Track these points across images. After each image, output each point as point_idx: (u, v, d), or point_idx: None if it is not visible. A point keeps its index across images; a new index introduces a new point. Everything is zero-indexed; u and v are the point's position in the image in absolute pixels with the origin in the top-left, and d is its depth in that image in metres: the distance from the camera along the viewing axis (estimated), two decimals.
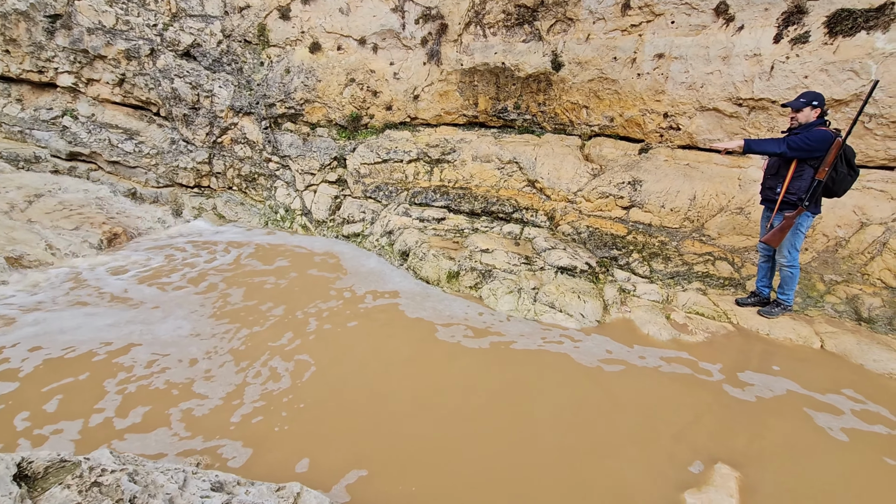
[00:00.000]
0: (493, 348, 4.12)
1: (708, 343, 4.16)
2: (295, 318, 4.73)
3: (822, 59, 4.89)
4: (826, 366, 3.79)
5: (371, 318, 4.69)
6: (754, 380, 3.64)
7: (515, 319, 4.64)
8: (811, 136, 3.84)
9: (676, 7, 5.69)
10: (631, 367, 3.82)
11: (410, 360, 3.99)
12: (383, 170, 7.52)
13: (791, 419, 3.23)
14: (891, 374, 3.63)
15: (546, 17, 6.69)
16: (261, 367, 3.78)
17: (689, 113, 5.93)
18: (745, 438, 3.08)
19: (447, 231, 6.36)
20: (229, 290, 5.34)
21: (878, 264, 4.43)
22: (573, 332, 4.37)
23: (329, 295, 5.24)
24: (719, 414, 3.30)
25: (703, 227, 5.43)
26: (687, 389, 3.55)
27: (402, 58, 7.74)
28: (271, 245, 6.98)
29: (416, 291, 5.31)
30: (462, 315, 4.72)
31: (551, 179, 6.56)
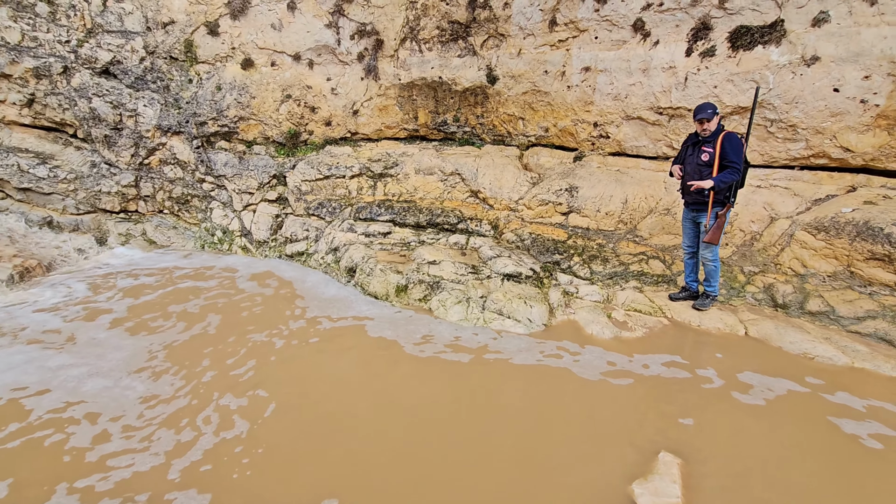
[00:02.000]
0: (453, 362, 4.12)
1: (646, 338, 4.38)
2: (244, 345, 4.51)
3: (727, 71, 5.37)
4: (750, 350, 4.10)
5: (328, 341, 4.57)
6: (688, 369, 3.87)
7: (465, 328, 4.67)
8: (735, 147, 4.20)
9: (598, 24, 6.06)
10: (578, 367, 3.95)
11: (373, 378, 3.92)
12: (325, 186, 7.39)
13: (722, 402, 3.46)
14: (805, 353, 3.99)
15: (479, 33, 6.91)
16: (211, 412, 3.54)
17: (617, 122, 6.29)
18: (683, 425, 3.25)
19: (394, 245, 6.33)
20: (164, 322, 5.01)
21: (787, 254, 4.87)
22: (524, 338, 4.46)
23: (278, 319, 5.04)
24: (659, 405, 3.48)
25: (636, 229, 5.75)
26: (629, 384, 3.71)
27: (339, 73, 7.69)
28: (210, 269, 6.64)
29: (371, 311, 5.22)
30: (424, 330, 4.70)
31: (493, 189, 6.72)
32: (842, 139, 4.99)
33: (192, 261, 6.99)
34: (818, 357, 3.92)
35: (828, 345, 4.01)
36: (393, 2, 7.13)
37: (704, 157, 4.33)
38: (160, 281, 6.18)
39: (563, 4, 6.20)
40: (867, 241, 4.38)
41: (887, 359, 3.81)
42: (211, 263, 6.85)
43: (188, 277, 6.32)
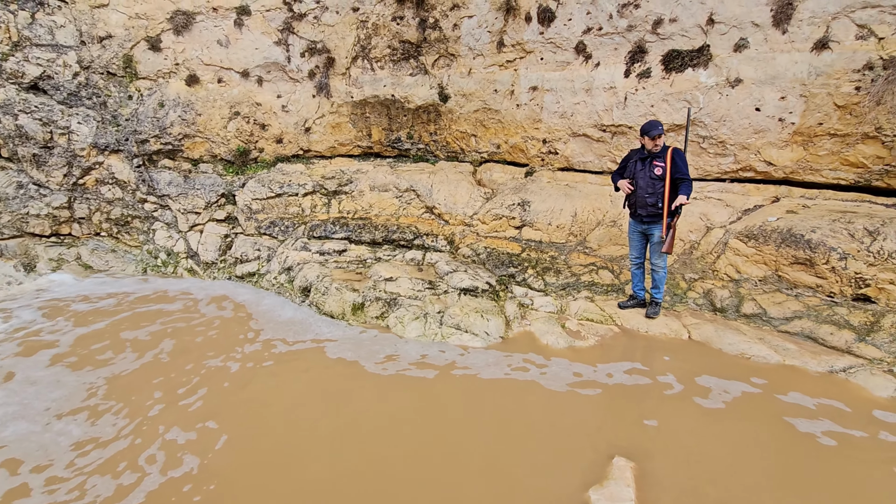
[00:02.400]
0: (419, 380, 4.09)
1: (599, 346, 4.53)
2: (196, 373, 4.29)
3: (662, 91, 5.74)
4: (694, 353, 4.33)
5: (284, 364, 4.43)
6: (638, 374, 4.03)
7: (422, 344, 4.66)
8: (685, 160, 4.49)
9: (543, 46, 6.33)
10: (545, 379, 4.01)
11: (333, 401, 3.82)
12: (277, 204, 7.22)
13: (683, 407, 3.62)
14: (742, 353, 4.26)
15: (430, 53, 7.04)
16: (156, 450, 3.32)
17: (564, 139, 6.56)
18: (636, 428, 3.38)
19: (349, 263, 6.25)
20: (112, 354, 4.70)
21: (723, 261, 5.22)
22: (482, 352, 4.50)
23: (232, 344, 4.84)
24: (622, 412, 3.59)
25: (586, 241, 5.97)
26: (596, 394, 3.82)
27: (289, 90, 7.60)
28: (154, 293, 6.29)
29: (332, 333, 5.11)
30: (384, 349, 4.64)
31: (448, 205, 6.80)
32: (765, 154, 5.44)
33: (138, 285, 6.60)
34: (754, 356, 4.19)
35: (762, 345, 4.30)
36: (343, 21, 7.16)
37: (658, 171, 4.55)
38: (108, 307, 5.80)
39: (510, 27, 6.45)
40: (791, 247, 4.77)
41: (813, 355, 4.13)
42: (161, 287, 6.50)
43: (137, 303, 5.97)
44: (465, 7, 6.58)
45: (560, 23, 6.13)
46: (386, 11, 6.97)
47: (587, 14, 5.94)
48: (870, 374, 3.85)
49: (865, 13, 4.70)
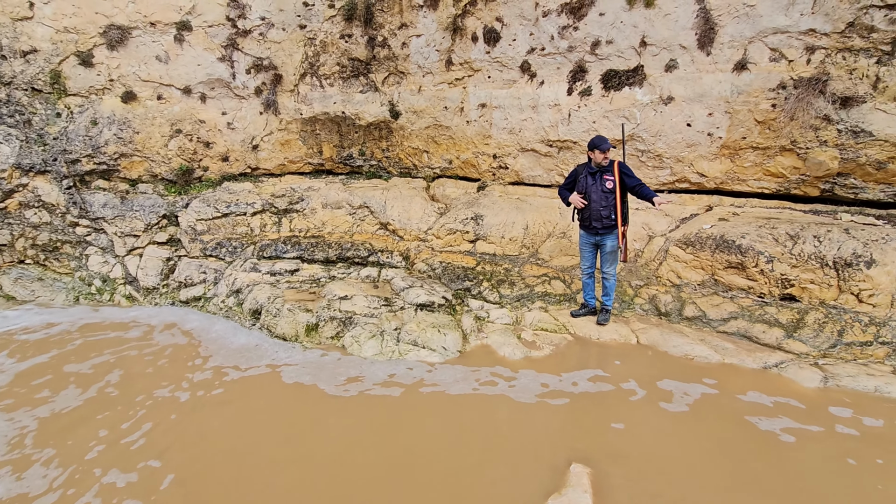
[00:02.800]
0: (384, 400, 4.01)
1: (553, 355, 4.64)
2: (142, 405, 4.00)
3: (603, 108, 6.05)
4: (642, 357, 4.52)
5: (237, 392, 4.22)
6: (590, 381, 4.15)
7: (381, 362, 4.59)
8: (631, 171, 4.74)
9: (490, 64, 6.53)
10: (514, 391, 4.04)
11: (290, 428, 3.66)
12: (224, 224, 6.95)
13: (636, 409, 3.75)
14: (686, 354, 4.48)
15: (380, 70, 7.09)
16: (92, 497, 3.05)
17: (514, 154, 6.75)
18: (591, 435, 3.46)
19: (302, 282, 6.10)
20: (50, 392, 4.30)
21: (665, 268, 5.50)
22: (439, 367, 4.49)
23: (181, 373, 4.58)
24: (568, 418, 3.67)
25: (538, 252, 6.13)
26: (564, 404, 3.89)
27: (235, 107, 7.40)
28: (89, 324, 5.86)
29: (290, 357, 4.93)
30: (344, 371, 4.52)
31: (402, 220, 6.80)
32: (697, 166, 5.83)
33: (82, 314, 6.11)
34: (696, 357, 4.43)
35: (703, 345, 4.55)
36: (290, 38, 7.08)
37: (609, 184, 4.76)
38: (49, 339, 5.33)
39: (457, 46, 6.61)
40: (724, 252, 5.10)
41: (749, 353, 4.41)
42: (105, 317, 6.06)
43: (80, 334, 5.53)
44: (412, 26, 6.69)
45: (505, 43, 6.35)
46: (334, 29, 6.97)
47: (530, 35, 6.19)
48: (798, 367, 4.15)
49: (776, 38, 5.18)
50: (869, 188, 5.20)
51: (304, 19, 7.00)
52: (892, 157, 4.94)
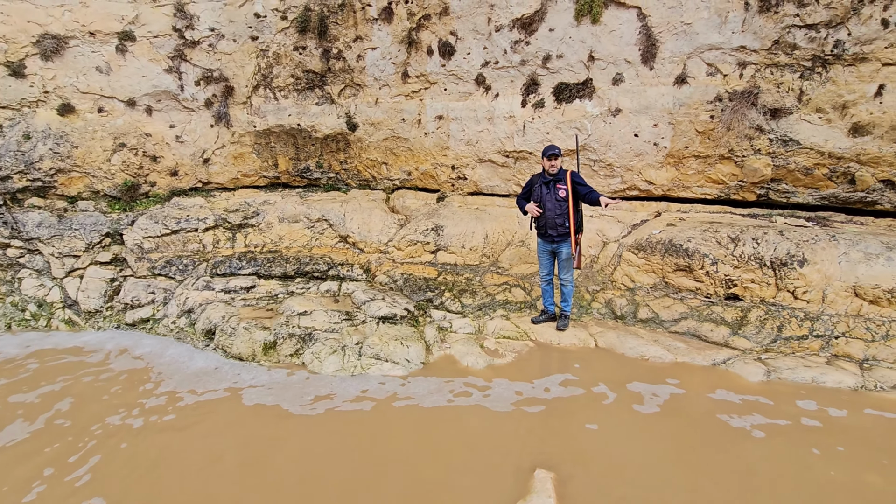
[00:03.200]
0: (354, 416, 3.91)
1: (516, 362, 4.69)
2: (92, 436, 3.72)
3: (556, 120, 6.24)
4: (601, 360, 4.64)
5: (193, 418, 4.01)
6: (553, 386, 4.22)
7: (350, 378, 4.49)
8: (583, 179, 4.88)
9: (446, 77, 6.62)
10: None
11: (250, 451, 3.51)
12: (174, 242, 6.66)
13: (585, 411, 3.83)
14: (641, 356, 4.65)
15: (335, 83, 7.05)
16: None
17: (472, 164, 6.85)
18: (554, 439, 3.51)
19: (259, 299, 5.91)
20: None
21: (619, 272, 5.70)
22: (412, 380, 4.44)
23: (133, 399, 4.31)
24: (531, 424, 3.72)
25: (498, 261, 6.22)
26: (505, 410, 3.92)
27: (184, 120, 7.14)
28: (39, 350, 5.44)
29: (253, 379, 4.73)
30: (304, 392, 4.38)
31: (362, 233, 6.74)
32: (645, 174, 6.10)
33: (34, 340, 5.64)
34: (651, 357, 4.59)
35: (657, 346, 4.73)
36: (242, 49, 6.94)
37: (562, 193, 4.88)
38: None
39: (413, 59, 6.67)
40: (673, 256, 5.35)
41: (699, 351, 4.62)
42: (56, 342, 5.64)
43: (25, 362, 5.11)
44: (367, 39, 6.71)
45: (460, 56, 6.46)
46: (287, 41, 6.89)
47: (484, 49, 6.34)
48: (744, 363, 4.39)
49: (712, 54, 5.53)
50: (799, 192, 5.60)
51: (255, 31, 6.87)
52: (817, 163, 5.35)
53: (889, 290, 4.52)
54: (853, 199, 5.42)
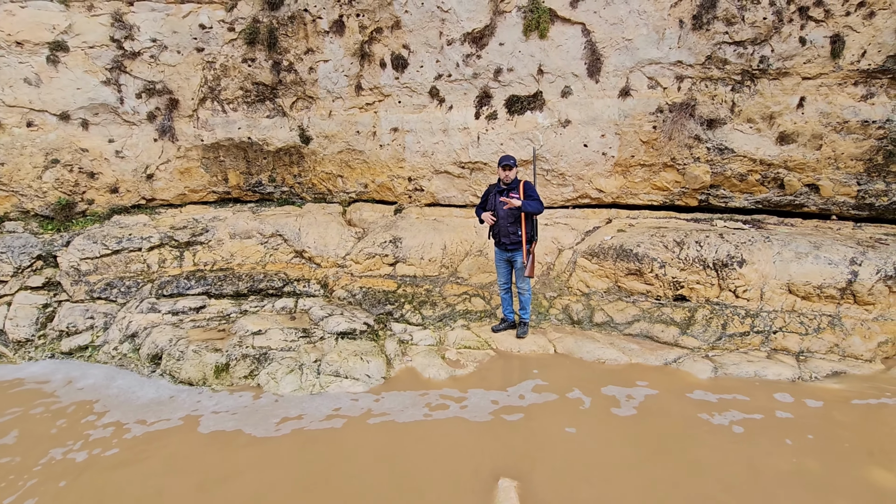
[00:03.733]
0: (324, 435, 3.76)
1: (477, 372, 4.70)
2: (31, 474, 3.39)
3: (508, 131, 6.38)
4: (560, 365, 4.72)
5: (142, 451, 3.72)
6: (515, 394, 4.25)
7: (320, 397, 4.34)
8: (534, 188, 4.95)
9: (400, 90, 6.64)
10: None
11: (206, 481, 3.30)
12: (115, 262, 6.28)
13: (544, 416, 3.87)
14: (598, 359, 4.76)
15: (287, 95, 6.92)
16: None
17: (428, 176, 6.87)
18: (516, 447, 3.53)
19: (210, 320, 5.64)
20: None
21: (574, 278, 5.86)
22: (363, 396, 4.35)
23: (77, 432, 3.98)
24: (495, 433, 3.72)
25: (457, 271, 6.24)
26: (466, 421, 3.90)
27: (124, 134, 6.80)
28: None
29: (215, 405, 4.47)
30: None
31: (318, 247, 6.60)
32: (596, 183, 6.32)
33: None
34: (608, 360, 4.72)
35: (612, 349, 4.87)
36: (186, 61, 6.70)
37: (514, 202, 4.95)
38: None
39: (366, 72, 6.65)
40: (624, 261, 5.55)
41: (651, 352, 4.79)
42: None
43: None
44: (319, 52, 6.64)
45: (413, 69, 6.51)
46: (235, 53, 6.72)
47: (437, 62, 6.41)
48: (693, 361, 4.58)
49: (652, 68, 5.84)
50: (736, 197, 5.96)
51: (201, 42, 6.67)
52: (750, 170, 5.73)
53: (818, 285, 4.87)
54: (783, 203, 5.83)
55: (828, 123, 5.34)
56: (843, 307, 4.84)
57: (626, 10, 5.68)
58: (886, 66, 5.07)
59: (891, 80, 5.13)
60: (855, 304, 4.81)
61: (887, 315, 4.74)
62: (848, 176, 5.45)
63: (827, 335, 4.72)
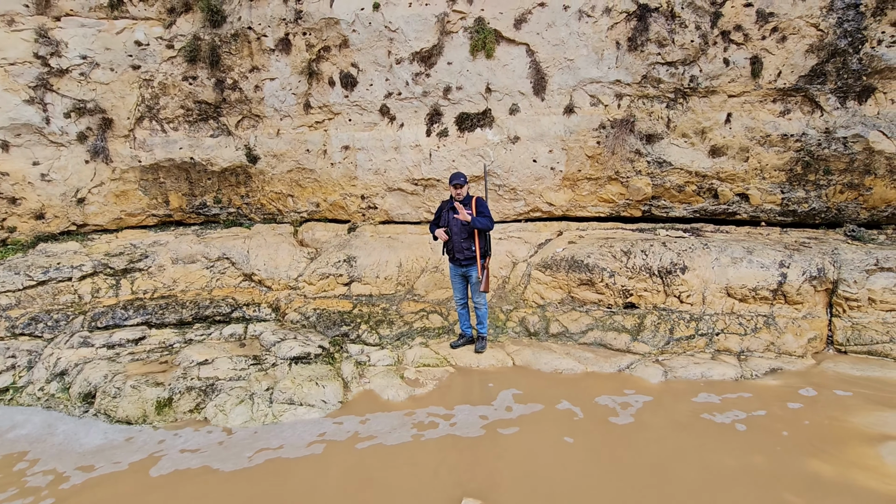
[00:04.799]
0: (299, 464, 3.53)
1: (437, 390, 4.63)
2: None
3: (460, 148, 6.46)
4: (520, 378, 4.74)
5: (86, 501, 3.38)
6: (475, 412, 4.22)
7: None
8: (485, 205, 4.99)
9: (350, 108, 6.60)
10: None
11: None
12: (42, 294, 5.78)
13: (506, 435, 3.86)
14: (556, 370, 4.83)
15: (231, 114, 6.71)
16: None
17: (381, 193, 6.82)
18: (482, 465, 3.48)
19: (150, 351, 5.28)
20: None
21: (530, 290, 5.95)
22: (319, 423, 4.17)
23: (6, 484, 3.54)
24: (457, 453, 3.66)
25: (414, 288, 6.19)
26: (429, 442, 3.82)
27: (51, 156, 6.34)
28: None
29: (165, 445, 4.12)
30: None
31: (269, 270, 6.36)
32: (546, 197, 6.49)
33: None
34: (564, 371, 4.79)
35: (569, 359, 4.96)
36: (121, 79, 6.37)
37: (461, 211, 4.98)
38: None
39: (315, 90, 6.57)
40: (576, 272, 5.70)
41: (606, 359, 4.92)
42: None
43: None
44: (265, 70, 6.50)
45: (363, 87, 6.49)
46: (175, 71, 6.46)
47: (386, 80, 6.43)
48: (644, 366, 4.74)
49: (593, 87, 6.11)
50: (675, 207, 6.29)
51: (137, 59, 6.37)
52: (687, 181, 6.07)
53: (753, 288, 5.19)
54: (718, 211, 6.21)
55: (753, 137, 5.77)
56: (775, 307, 5.17)
57: (567, 31, 5.95)
58: (799, 84, 5.56)
59: (804, 97, 5.63)
60: (786, 304, 5.16)
61: (814, 313, 5.11)
62: (773, 185, 5.89)
63: (763, 334, 5.02)
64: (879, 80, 5.36)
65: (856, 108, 5.47)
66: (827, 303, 5.16)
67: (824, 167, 5.65)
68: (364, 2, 6.16)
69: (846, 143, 5.51)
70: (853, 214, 5.82)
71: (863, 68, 5.35)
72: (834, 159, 5.60)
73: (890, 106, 5.39)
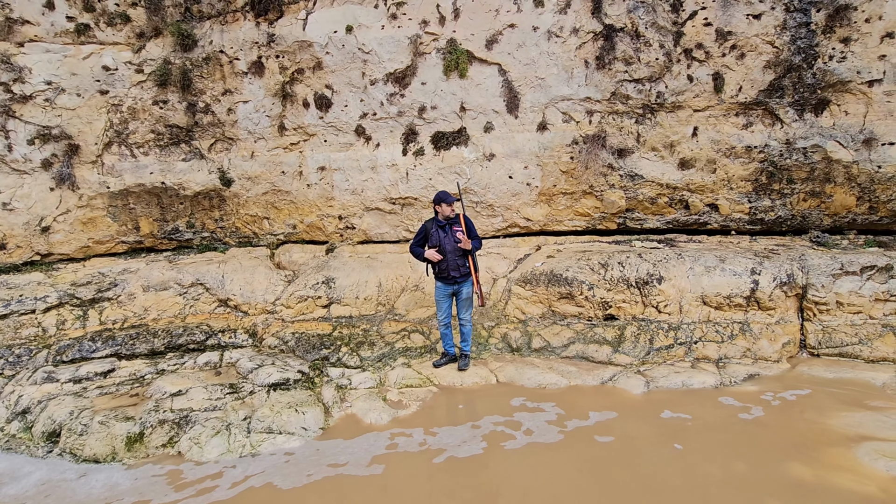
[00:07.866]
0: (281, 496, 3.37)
1: (420, 411, 4.55)
2: None
3: (436, 166, 6.50)
4: (503, 395, 4.70)
5: None
6: (458, 432, 4.15)
7: (225, 462, 3.96)
8: (473, 224, 5.03)
9: (325, 129, 6.59)
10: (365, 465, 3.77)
11: None
12: (2, 329, 5.52)
13: (499, 454, 3.81)
14: (539, 385, 4.80)
15: (204, 137, 6.63)
16: None
17: (359, 213, 6.79)
18: (468, 490, 3.41)
19: (120, 384, 5.06)
20: None
21: (511, 306, 5.95)
22: (299, 451, 4.04)
23: None
24: (444, 477, 3.58)
25: (394, 308, 6.12)
26: (408, 466, 3.74)
27: (13, 184, 6.13)
28: None
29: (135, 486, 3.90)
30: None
31: (245, 294, 6.22)
32: (523, 212, 6.56)
33: None
34: (549, 385, 4.77)
35: (552, 373, 4.94)
36: (88, 104, 6.24)
37: (460, 235, 4.96)
38: None
39: (289, 112, 6.55)
40: (555, 286, 5.74)
41: (588, 372, 4.92)
42: None
43: None
44: (238, 92, 6.47)
45: (338, 108, 6.50)
46: (145, 95, 6.37)
47: (361, 101, 6.46)
48: (627, 377, 4.76)
49: (565, 104, 6.26)
50: (649, 219, 6.43)
51: (105, 84, 6.26)
52: (659, 193, 6.22)
53: (727, 295, 5.30)
54: (690, 222, 6.37)
55: (719, 149, 5.97)
56: (750, 314, 5.29)
57: (538, 51, 6.10)
58: (759, 98, 5.81)
59: (764, 110, 5.87)
60: (759, 310, 5.28)
61: (786, 318, 5.24)
62: (741, 195, 6.08)
63: (740, 341, 5.12)
64: (833, 93, 5.64)
65: (813, 120, 5.73)
66: (798, 308, 5.30)
67: (787, 176, 5.88)
68: (337, 24, 6.21)
69: (806, 153, 5.75)
70: (817, 221, 6.04)
71: (817, 82, 5.62)
72: (796, 169, 5.83)
73: (844, 117, 5.67)
